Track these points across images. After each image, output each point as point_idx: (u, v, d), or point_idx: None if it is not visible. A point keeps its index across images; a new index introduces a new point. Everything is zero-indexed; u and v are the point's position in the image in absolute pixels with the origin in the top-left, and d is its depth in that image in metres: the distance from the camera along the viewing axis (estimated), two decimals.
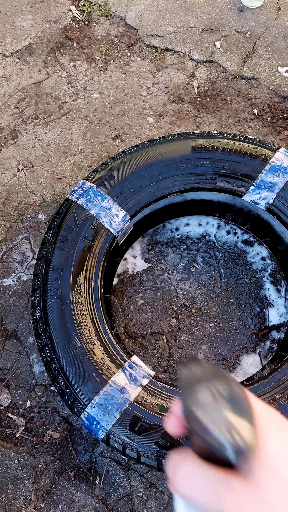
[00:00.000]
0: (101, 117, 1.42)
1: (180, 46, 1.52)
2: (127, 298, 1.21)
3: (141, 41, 1.54)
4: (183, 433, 0.31)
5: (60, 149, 1.37)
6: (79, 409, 0.85)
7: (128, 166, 1.03)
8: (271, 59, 1.48)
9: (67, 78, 1.48)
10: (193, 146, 1.04)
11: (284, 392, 0.82)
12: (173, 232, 1.28)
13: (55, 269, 0.93)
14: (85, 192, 1.00)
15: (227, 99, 1.44)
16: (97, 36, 1.55)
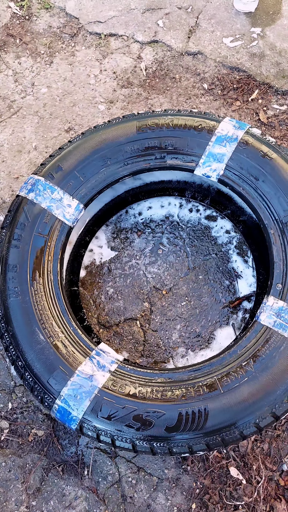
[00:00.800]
0: (51, 111, 1.40)
1: (123, 29, 1.49)
2: (97, 288, 1.20)
3: (83, 30, 1.51)
4: None
5: (14, 148, 1.35)
6: (49, 402, 0.85)
7: (75, 155, 1.02)
8: (215, 31, 1.46)
9: (14, 76, 1.46)
10: (138, 127, 1.03)
11: (249, 358, 0.82)
12: (136, 217, 1.27)
13: (11, 267, 0.92)
14: (33, 186, 0.99)
15: (176, 77, 1.42)
16: (39, 30, 1.53)
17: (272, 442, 1.00)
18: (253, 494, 0.97)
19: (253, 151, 0.98)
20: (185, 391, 0.81)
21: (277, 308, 0.85)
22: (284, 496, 0.97)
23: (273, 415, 0.81)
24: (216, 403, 0.80)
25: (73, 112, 1.40)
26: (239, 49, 1.43)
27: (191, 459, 1.01)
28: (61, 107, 1.41)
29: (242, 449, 1.00)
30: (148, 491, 1.01)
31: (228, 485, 0.98)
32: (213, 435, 0.80)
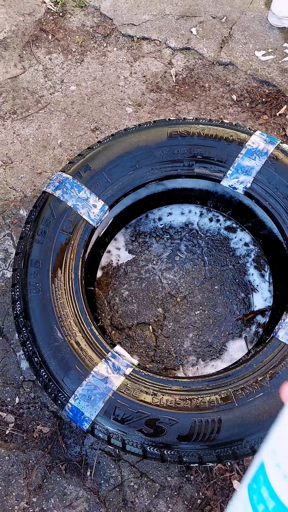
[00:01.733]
0: (79, 109, 1.41)
1: (156, 34, 1.50)
2: (112, 290, 1.20)
3: (117, 31, 1.52)
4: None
5: (39, 143, 1.36)
6: (62, 401, 0.85)
7: (104, 155, 1.02)
8: (247, 44, 1.47)
9: (44, 72, 1.46)
10: (169, 133, 1.03)
11: (265, 374, 0.82)
12: (156, 222, 1.27)
13: (33, 263, 0.93)
14: (61, 184, 0.99)
15: (205, 86, 1.43)
16: (72, 28, 1.53)
17: None
18: None
19: (283, 167, 0.98)
20: (199, 401, 0.81)
21: None
22: None
23: None
24: (229, 416, 0.80)
25: (101, 112, 1.40)
26: (271, 63, 1.44)
27: (195, 469, 1.01)
28: (88, 106, 1.41)
29: (247, 463, 1.00)
30: (149, 497, 1.00)
31: (230, 498, 0.98)
32: (224, 447, 0.80)
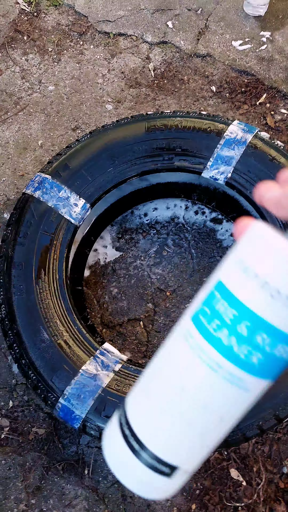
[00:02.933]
0: (58, 109, 1.40)
1: (132, 29, 1.49)
2: (101, 288, 1.20)
3: (92, 28, 1.51)
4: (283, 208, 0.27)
5: (19, 145, 1.35)
6: (52, 401, 0.85)
7: (83, 154, 1.02)
8: (224, 34, 1.46)
9: (21, 73, 1.46)
10: (147, 128, 1.03)
11: None
12: (141, 218, 1.27)
13: (16, 265, 0.92)
14: (40, 185, 0.99)
15: (184, 78, 1.42)
16: (48, 27, 1.53)
17: (273, 445, 1.00)
18: (253, 496, 0.97)
19: (262, 155, 0.98)
20: None
21: None
22: (284, 499, 0.98)
23: (276, 418, 0.81)
24: None
25: (80, 111, 1.40)
26: (248, 53, 1.43)
27: None
28: (68, 105, 1.41)
29: (243, 451, 1.01)
30: None
31: (228, 487, 0.99)
32: None
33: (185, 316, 0.31)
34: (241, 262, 0.27)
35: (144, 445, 0.30)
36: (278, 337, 0.26)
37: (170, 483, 0.31)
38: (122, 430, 0.32)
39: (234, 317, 0.26)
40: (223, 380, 0.27)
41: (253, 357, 0.27)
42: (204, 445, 0.30)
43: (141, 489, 0.32)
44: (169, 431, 0.30)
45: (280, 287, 0.25)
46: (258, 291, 0.26)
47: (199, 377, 0.28)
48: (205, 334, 0.28)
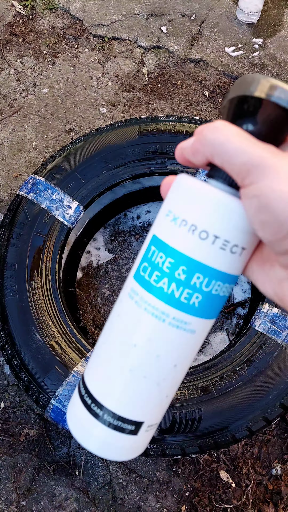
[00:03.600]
0: (53, 111, 1.41)
1: (126, 34, 1.51)
2: (93, 290, 1.21)
3: (87, 32, 1.52)
4: (202, 160, 0.28)
5: (13, 147, 1.35)
6: (44, 402, 0.85)
7: (76, 156, 1.03)
8: (217, 40, 1.48)
9: (16, 75, 1.46)
10: (140, 131, 1.04)
11: (243, 363, 0.84)
12: (134, 220, 1.28)
13: (9, 266, 0.93)
14: (34, 186, 0.99)
15: (178, 83, 1.44)
16: (43, 30, 1.53)
17: (262, 447, 1.02)
18: (242, 498, 0.98)
19: None
20: (180, 394, 0.82)
21: (272, 315, 0.87)
22: (272, 500, 0.99)
23: (265, 419, 0.82)
24: (209, 406, 0.81)
25: (74, 114, 1.41)
26: (241, 59, 1.45)
27: (182, 462, 1.02)
28: (62, 108, 1.42)
29: (233, 453, 1.02)
30: (138, 493, 1.01)
31: (218, 488, 0.99)
32: (206, 437, 0.81)
33: (128, 277, 0.32)
34: (169, 212, 0.29)
35: (105, 408, 0.31)
36: (212, 275, 0.28)
37: (137, 440, 0.32)
38: (83, 399, 0.33)
39: (171, 265, 0.28)
40: (170, 327, 0.29)
41: (194, 299, 0.28)
42: (163, 395, 0.32)
43: (110, 453, 0.33)
44: (127, 389, 0.31)
45: (207, 228, 0.27)
46: (188, 236, 0.28)
47: (148, 330, 0.30)
48: (148, 287, 0.29)
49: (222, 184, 0.28)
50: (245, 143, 0.24)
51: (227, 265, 0.28)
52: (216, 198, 0.27)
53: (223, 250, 0.27)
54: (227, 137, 0.25)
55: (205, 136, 0.26)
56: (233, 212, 0.27)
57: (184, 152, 0.29)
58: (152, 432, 0.34)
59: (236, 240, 0.27)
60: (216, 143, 0.25)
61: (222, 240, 0.27)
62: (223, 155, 0.25)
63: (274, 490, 0.99)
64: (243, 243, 0.28)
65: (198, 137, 0.27)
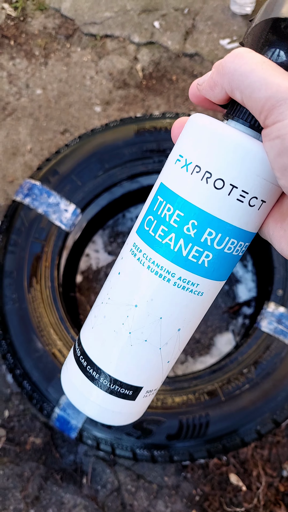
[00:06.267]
0: (47, 113, 1.38)
1: (119, 31, 1.48)
2: (93, 294, 1.19)
3: (79, 31, 1.50)
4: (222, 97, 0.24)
5: (8, 151, 1.33)
6: (48, 411, 0.83)
7: (72, 158, 1.00)
8: (212, 33, 1.45)
9: (8, 78, 1.44)
10: (136, 130, 1.02)
11: (250, 365, 0.81)
12: (133, 221, 1.25)
13: (8, 274, 0.91)
14: (30, 191, 0.97)
15: (173, 78, 1.41)
16: (34, 31, 1.51)
17: (272, 448, 1.00)
18: (253, 500, 0.96)
19: None
20: (186, 399, 0.80)
21: (278, 314, 0.85)
22: (284, 502, 0.97)
23: (274, 422, 0.80)
24: (217, 410, 0.79)
25: (69, 114, 1.38)
26: None
27: (191, 467, 1.00)
28: (56, 109, 1.39)
29: (242, 456, 1.00)
30: (148, 499, 1.00)
31: (228, 492, 0.98)
32: (214, 442, 0.79)
33: (131, 232, 0.29)
34: (180, 157, 0.26)
35: (103, 371, 0.29)
36: (225, 231, 0.25)
37: (134, 405, 0.31)
38: (79, 361, 0.31)
39: (180, 219, 0.25)
40: (175, 287, 0.26)
41: (203, 258, 0.26)
42: (164, 360, 0.29)
43: (106, 417, 0.31)
44: (127, 352, 0.29)
45: (223, 176, 0.24)
46: (201, 185, 0.24)
47: (151, 290, 0.27)
48: (152, 243, 0.26)
49: (243, 126, 0.24)
50: (272, 74, 0.21)
51: (244, 220, 0.25)
52: (235, 141, 0.23)
53: (240, 203, 0.24)
54: (251, 66, 0.21)
55: (225, 66, 0.22)
56: (254, 158, 0.23)
57: (200, 87, 0.25)
58: (150, 397, 0.32)
59: (256, 192, 0.24)
60: (238, 73, 0.22)
61: (240, 190, 0.24)
62: (245, 87, 0.21)
63: (286, 492, 0.97)
64: (263, 195, 0.24)
65: (217, 68, 0.23)
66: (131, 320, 0.28)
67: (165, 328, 0.28)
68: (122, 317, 0.28)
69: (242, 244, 0.26)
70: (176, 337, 0.28)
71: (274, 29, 0.23)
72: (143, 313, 0.28)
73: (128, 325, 0.28)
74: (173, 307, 0.27)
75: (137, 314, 0.28)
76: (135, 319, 0.28)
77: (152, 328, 0.28)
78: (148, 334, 0.28)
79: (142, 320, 0.28)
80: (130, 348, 0.29)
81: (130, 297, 0.28)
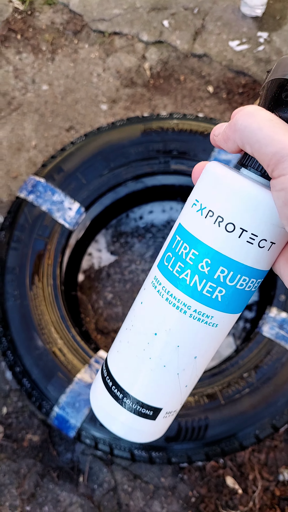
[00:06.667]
0: (52, 109, 1.38)
1: (128, 28, 1.47)
2: (95, 293, 1.19)
3: (87, 27, 1.49)
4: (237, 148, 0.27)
5: (13, 146, 1.33)
6: (47, 409, 0.83)
7: (77, 156, 1.00)
8: (221, 34, 1.44)
9: (14, 72, 1.43)
10: (143, 130, 1.01)
11: (251, 370, 0.81)
12: (137, 221, 1.25)
13: (10, 270, 0.90)
14: (34, 188, 0.97)
15: (181, 78, 1.40)
16: (42, 26, 1.50)
17: (269, 452, 1.00)
18: (249, 504, 0.96)
19: None
20: (186, 401, 0.80)
21: (280, 320, 0.85)
22: (279, 506, 0.97)
23: (272, 427, 0.80)
24: (216, 414, 0.79)
25: (75, 111, 1.38)
26: (245, 53, 1.42)
27: (188, 468, 1.00)
28: (62, 105, 1.38)
29: (239, 459, 1.00)
30: (144, 499, 1.00)
31: (224, 494, 0.98)
32: (212, 445, 0.79)
33: (153, 265, 0.32)
34: (196, 202, 0.28)
35: (126, 392, 0.32)
36: (237, 269, 0.27)
37: (155, 425, 0.34)
38: (105, 382, 0.34)
39: (195, 257, 0.28)
40: (191, 319, 0.29)
41: (217, 293, 0.28)
42: (182, 384, 0.32)
43: (129, 434, 0.34)
44: (147, 376, 0.31)
45: (234, 220, 0.26)
46: (214, 228, 0.27)
47: (169, 321, 0.29)
48: (170, 278, 0.29)
49: (254, 174, 0.27)
50: (278, 132, 0.23)
51: (254, 259, 0.27)
52: (244, 189, 0.25)
53: (250, 244, 0.26)
54: (259, 124, 0.23)
55: (236, 122, 0.25)
56: (262, 205, 0.25)
57: (216, 139, 0.27)
58: (170, 418, 0.35)
59: (265, 235, 0.26)
60: (248, 130, 0.24)
61: (249, 233, 0.26)
62: (254, 143, 0.24)
63: (282, 496, 0.97)
64: (272, 237, 0.26)
65: (230, 122, 0.25)
66: (151, 347, 0.31)
67: (182, 355, 0.30)
68: (143, 343, 0.31)
69: (254, 280, 0.28)
70: (193, 364, 0.31)
71: (279, 89, 0.25)
72: (162, 341, 0.30)
73: (149, 351, 0.31)
74: (189, 337, 0.29)
75: (157, 341, 0.30)
76: (155, 346, 0.30)
77: (170, 355, 0.30)
78: (166, 360, 0.30)
79: (161, 347, 0.30)
80: (150, 372, 0.31)
81: (150, 326, 0.30)
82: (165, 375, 0.31)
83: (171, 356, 0.30)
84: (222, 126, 0.27)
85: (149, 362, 0.31)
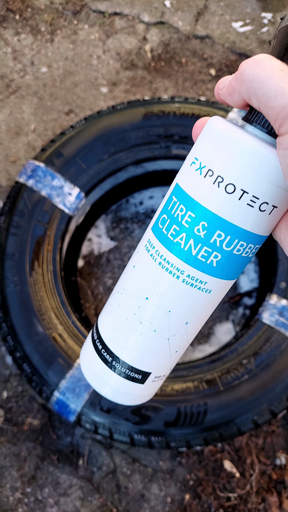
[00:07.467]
0: (51, 92, 1.35)
1: (128, 8, 1.43)
2: (95, 279, 1.18)
3: (87, 7, 1.44)
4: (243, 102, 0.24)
5: (11, 130, 1.30)
6: (48, 394, 0.84)
7: (77, 140, 0.98)
8: (224, 15, 1.40)
9: (13, 54, 1.39)
10: (143, 114, 0.99)
11: (250, 356, 0.82)
12: (137, 206, 1.24)
13: (10, 256, 0.90)
14: (34, 173, 0.95)
15: (182, 61, 1.37)
16: (40, 6, 1.45)
17: (267, 437, 1.01)
18: (246, 487, 0.98)
19: None
20: (185, 387, 0.81)
21: (280, 307, 0.85)
22: (276, 489, 0.99)
23: (271, 413, 0.81)
24: (215, 400, 0.80)
25: (74, 94, 1.35)
26: (249, 35, 1.38)
27: (186, 452, 1.01)
28: (61, 88, 1.36)
29: (237, 444, 1.01)
30: (142, 482, 1.01)
31: (222, 478, 0.99)
32: (211, 430, 0.80)
33: (147, 228, 0.31)
34: (195, 160, 0.26)
35: (116, 356, 0.32)
36: (234, 234, 0.26)
37: (144, 389, 0.34)
38: (95, 345, 0.33)
39: (191, 219, 0.26)
40: (184, 284, 0.28)
41: (212, 258, 0.27)
42: (172, 350, 0.32)
43: (118, 397, 0.34)
44: (138, 340, 0.31)
45: (234, 181, 0.24)
46: (212, 189, 0.25)
47: (161, 285, 0.29)
48: (164, 241, 0.28)
49: (260, 131, 0.25)
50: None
51: (254, 224, 0.25)
52: (248, 146, 0.23)
53: (250, 207, 0.25)
54: (268, 74, 0.21)
55: (243, 72, 0.22)
56: (266, 164, 0.23)
57: (221, 92, 0.25)
58: (159, 382, 0.34)
59: (267, 197, 0.24)
60: (255, 80, 0.21)
61: (250, 195, 0.24)
62: (261, 95, 0.21)
63: (278, 480, 0.99)
64: (274, 200, 0.24)
65: (237, 72, 0.23)
66: (142, 311, 0.30)
67: (173, 320, 0.29)
68: (134, 307, 0.30)
69: (252, 246, 0.27)
70: (184, 329, 0.30)
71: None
72: (153, 305, 0.29)
73: (139, 315, 0.30)
74: (181, 302, 0.29)
75: (148, 306, 0.29)
76: (146, 311, 0.30)
77: (161, 319, 0.29)
78: (157, 325, 0.30)
79: (152, 311, 0.29)
80: (140, 337, 0.31)
81: (142, 290, 0.29)
82: (155, 340, 0.30)
83: (162, 321, 0.29)
84: (228, 79, 0.25)
85: (140, 326, 0.30)
